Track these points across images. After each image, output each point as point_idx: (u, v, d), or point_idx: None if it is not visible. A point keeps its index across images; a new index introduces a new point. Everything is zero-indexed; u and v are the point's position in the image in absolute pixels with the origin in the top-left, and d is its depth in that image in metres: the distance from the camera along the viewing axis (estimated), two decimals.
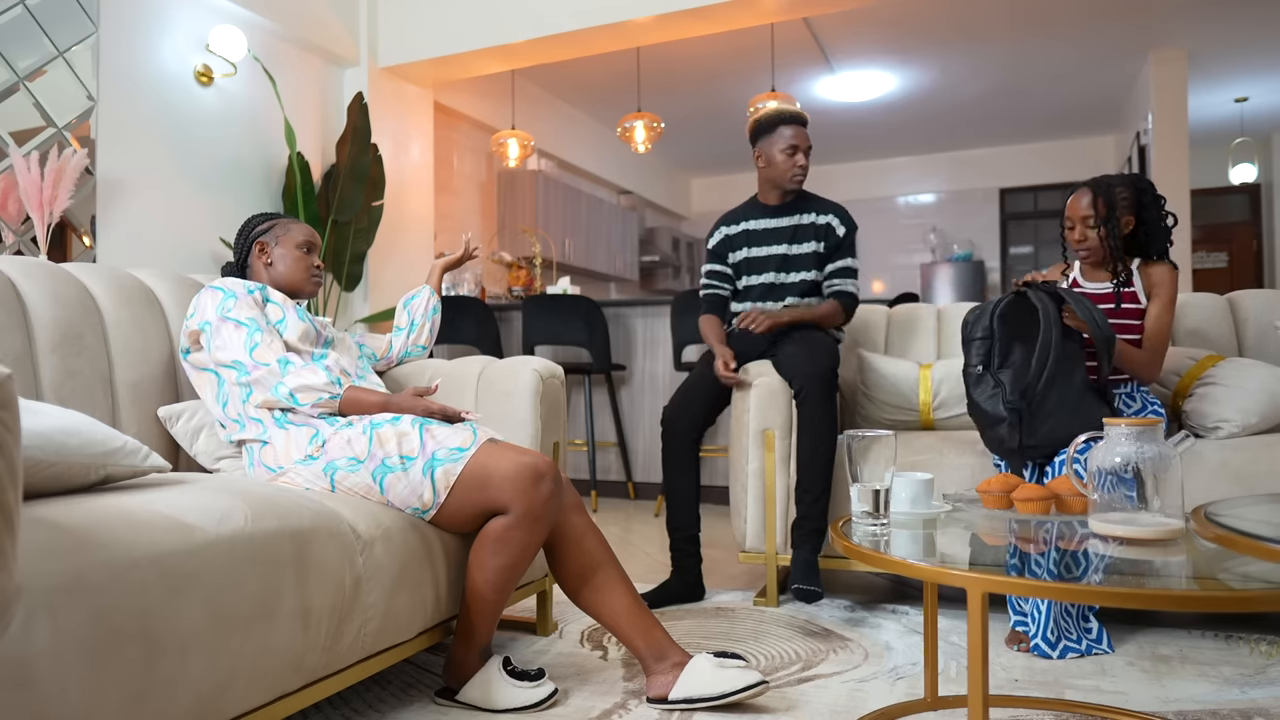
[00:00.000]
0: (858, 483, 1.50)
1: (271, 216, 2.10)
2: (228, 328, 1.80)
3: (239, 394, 1.80)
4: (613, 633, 1.77)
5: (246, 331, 1.79)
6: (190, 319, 1.86)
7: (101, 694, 1.04)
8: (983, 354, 2.17)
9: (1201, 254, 8.71)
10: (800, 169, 2.63)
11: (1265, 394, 2.33)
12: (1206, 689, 1.79)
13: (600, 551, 1.80)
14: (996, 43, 6.22)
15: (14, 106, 3.13)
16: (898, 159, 9.41)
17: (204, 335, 1.82)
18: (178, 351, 1.97)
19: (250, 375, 1.76)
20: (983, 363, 2.16)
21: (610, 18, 4.24)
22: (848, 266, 2.67)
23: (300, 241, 2.05)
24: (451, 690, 1.75)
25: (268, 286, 1.96)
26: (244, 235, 2.07)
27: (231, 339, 1.79)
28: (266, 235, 2.05)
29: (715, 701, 1.64)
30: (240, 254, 2.06)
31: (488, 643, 1.74)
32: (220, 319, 1.81)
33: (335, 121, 4.64)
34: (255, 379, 1.76)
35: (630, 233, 8.45)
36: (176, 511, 1.23)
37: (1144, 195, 2.29)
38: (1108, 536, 1.35)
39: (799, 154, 2.62)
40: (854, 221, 2.70)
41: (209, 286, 1.87)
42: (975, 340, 2.19)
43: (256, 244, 2.04)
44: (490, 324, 4.47)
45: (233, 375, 1.79)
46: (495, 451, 1.67)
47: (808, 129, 2.67)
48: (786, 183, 2.65)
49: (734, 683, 1.64)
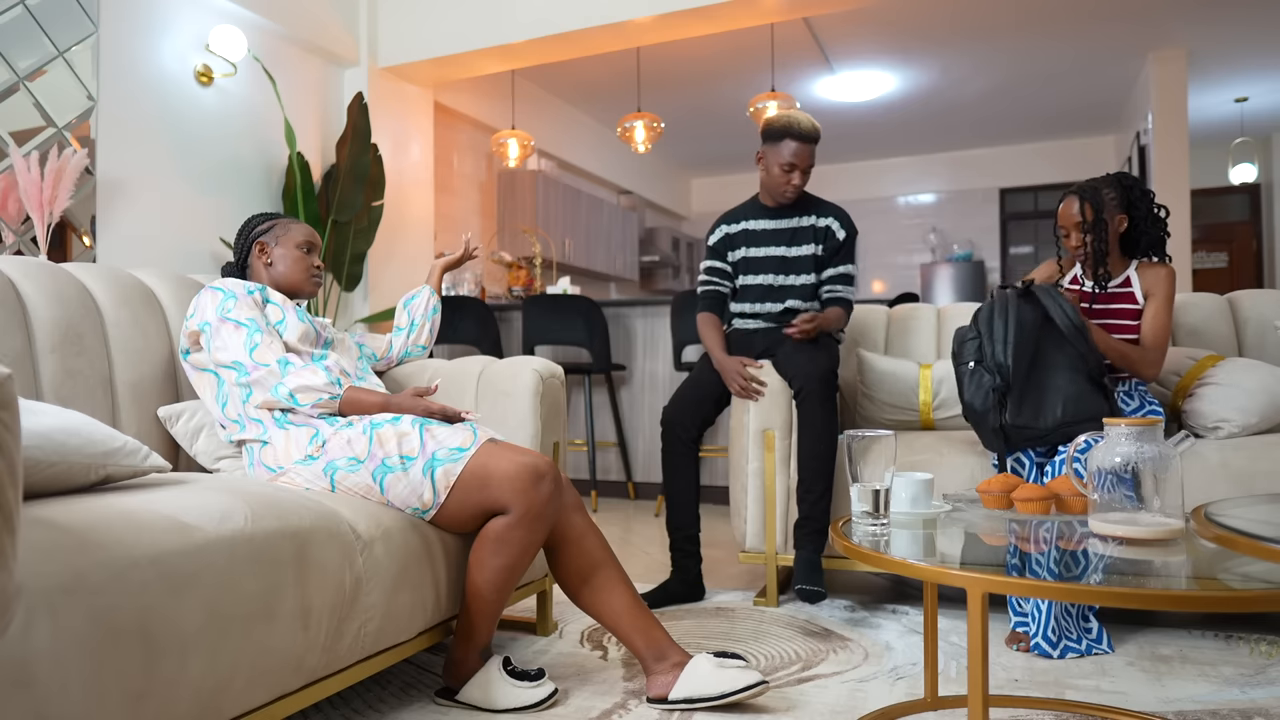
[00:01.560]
0: (858, 483, 1.51)
1: (271, 216, 2.09)
2: (227, 328, 1.79)
3: (239, 394, 1.80)
4: (613, 632, 1.77)
5: (246, 332, 1.79)
6: (190, 319, 1.86)
7: (101, 694, 1.04)
8: (974, 351, 2.22)
9: (1201, 254, 8.71)
10: (794, 188, 2.60)
11: (1265, 394, 2.34)
12: (1206, 689, 1.79)
13: (600, 551, 1.80)
14: (996, 43, 6.22)
15: (14, 106, 3.13)
16: (898, 159, 9.41)
17: (204, 336, 1.82)
18: (177, 352, 1.97)
19: (250, 376, 1.76)
20: (975, 358, 2.20)
21: (610, 18, 4.24)
22: (846, 274, 2.66)
23: (300, 241, 2.05)
24: (451, 690, 1.74)
25: (267, 287, 1.96)
26: (244, 235, 2.06)
27: (231, 339, 1.78)
28: (266, 235, 2.05)
29: (715, 701, 1.64)
30: (240, 254, 2.06)
31: (488, 643, 1.74)
32: (220, 319, 1.81)
33: (335, 121, 4.64)
34: (255, 379, 1.76)
35: (630, 233, 8.45)
36: (176, 511, 1.23)
37: (1131, 192, 2.30)
38: (1108, 536, 1.35)
39: (795, 173, 2.59)
40: (855, 227, 2.68)
41: (209, 287, 1.88)
42: (967, 341, 2.25)
43: (256, 244, 2.04)
44: (490, 324, 4.47)
45: (232, 376, 1.79)
46: (495, 451, 1.67)
47: (816, 143, 2.60)
48: (778, 195, 2.64)
49: (734, 683, 1.64)
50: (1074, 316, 2.15)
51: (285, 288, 2.03)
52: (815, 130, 2.60)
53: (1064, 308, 2.16)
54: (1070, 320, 2.15)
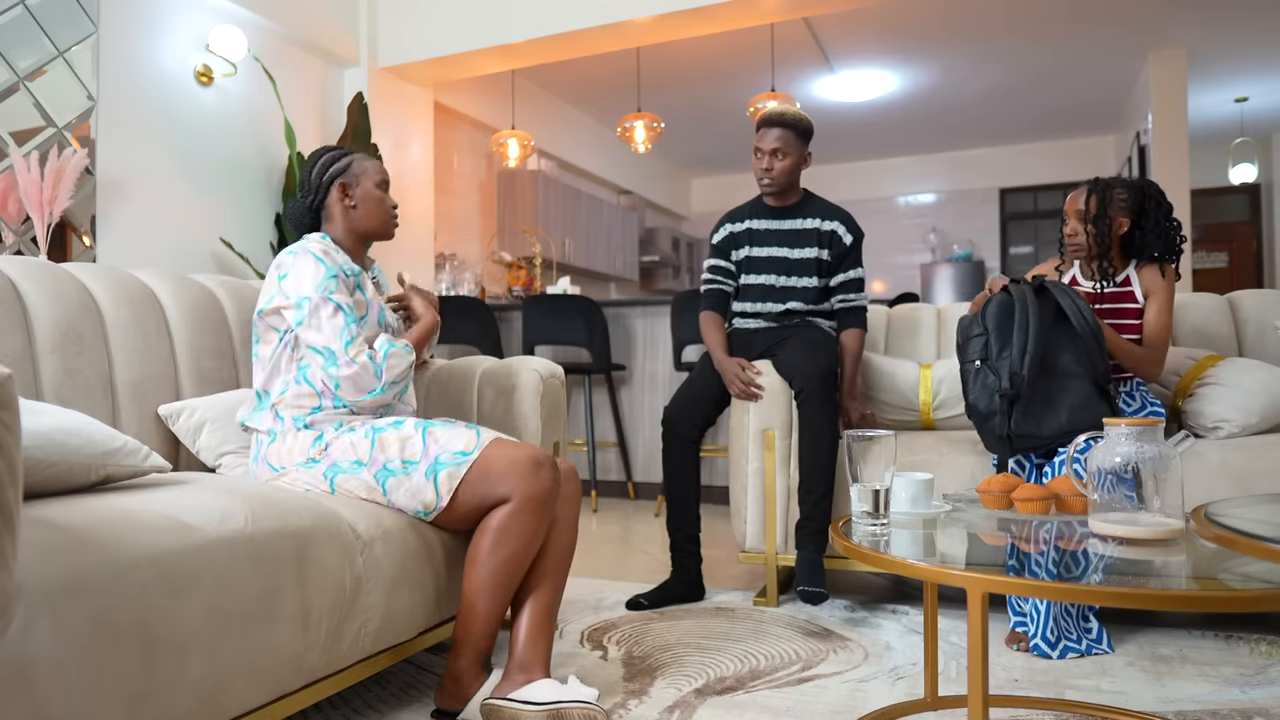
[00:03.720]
0: (858, 483, 1.50)
1: (344, 150, 1.89)
2: (328, 310, 1.70)
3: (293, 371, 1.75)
4: (510, 618, 1.70)
5: (344, 320, 1.71)
6: (284, 280, 1.74)
7: (101, 694, 1.04)
8: (980, 348, 2.20)
9: (1201, 254, 8.71)
10: (764, 172, 2.59)
11: (1265, 394, 2.34)
12: (1206, 689, 1.79)
13: (559, 549, 1.74)
14: (996, 43, 6.22)
15: (14, 106, 3.13)
16: (898, 159, 9.41)
17: (297, 310, 1.71)
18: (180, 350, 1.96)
19: (342, 371, 1.69)
20: (980, 356, 2.19)
21: (610, 18, 4.24)
22: (857, 279, 2.65)
23: (379, 180, 1.88)
24: (451, 715, 1.63)
25: (359, 269, 1.85)
26: (320, 173, 1.86)
27: (328, 324, 1.70)
28: (347, 174, 1.85)
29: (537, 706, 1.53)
30: (315, 194, 1.86)
31: (489, 650, 1.66)
32: (322, 299, 1.71)
33: (335, 121, 4.64)
34: (348, 376, 1.69)
35: (630, 233, 8.46)
36: (176, 511, 1.23)
37: (1147, 201, 2.29)
38: (1108, 536, 1.35)
39: (764, 157, 2.58)
40: (860, 229, 2.68)
41: (305, 251, 1.75)
42: (973, 338, 2.23)
43: (338, 185, 1.85)
44: (490, 324, 4.47)
45: (318, 361, 1.71)
46: (494, 446, 1.66)
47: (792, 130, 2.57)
48: (758, 185, 2.64)
49: (559, 694, 1.55)
50: (1090, 319, 2.13)
51: (366, 232, 1.88)
52: (786, 116, 2.57)
53: (1080, 308, 2.13)
54: (1087, 323, 2.12)
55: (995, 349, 2.17)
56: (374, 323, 1.84)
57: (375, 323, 1.84)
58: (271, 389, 1.78)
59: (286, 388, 1.76)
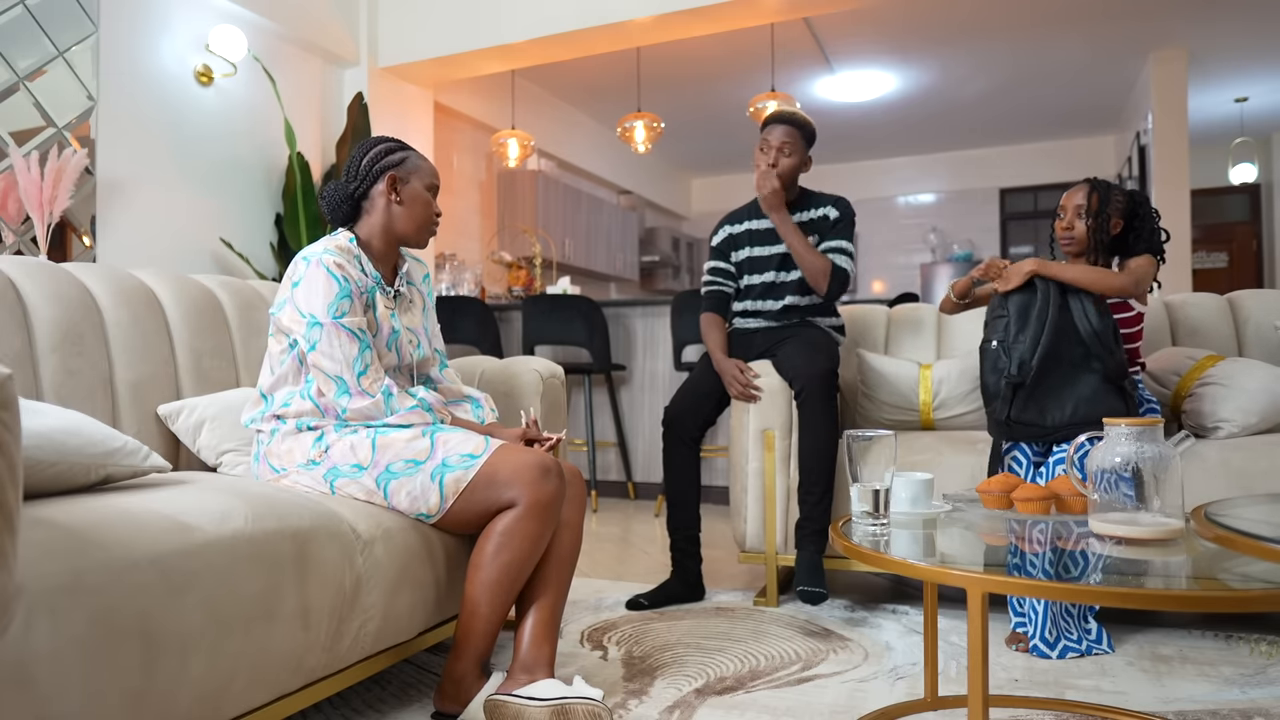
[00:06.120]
0: (858, 483, 1.50)
1: (401, 143, 1.80)
2: (342, 337, 1.66)
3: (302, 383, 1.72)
4: (516, 621, 1.70)
5: (358, 347, 1.68)
6: (296, 288, 1.69)
7: (101, 694, 1.04)
8: (1001, 330, 2.22)
9: (1201, 254, 8.71)
10: (769, 167, 2.57)
11: (1265, 394, 2.34)
12: (1206, 689, 1.79)
13: (564, 550, 1.74)
14: (996, 43, 6.22)
15: (14, 106, 3.13)
16: (898, 159, 9.41)
17: (309, 330, 1.67)
18: (178, 351, 1.96)
19: (353, 403, 1.67)
20: (999, 338, 2.21)
21: (610, 18, 4.24)
22: (840, 246, 2.60)
23: (430, 183, 1.80)
24: (449, 716, 1.63)
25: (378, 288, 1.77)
26: (373, 161, 1.76)
27: (340, 352, 1.66)
28: (400, 168, 1.77)
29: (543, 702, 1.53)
30: (360, 182, 1.77)
31: (489, 653, 1.66)
32: (335, 324, 1.66)
33: (335, 121, 4.64)
34: (357, 408, 1.68)
35: (630, 233, 8.46)
36: (176, 511, 1.23)
37: (1139, 208, 2.33)
38: (1107, 536, 1.35)
39: (770, 151, 2.57)
40: (851, 209, 2.66)
41: (318, 263, 1.67)
42: (996, 318, 2.25)
43: (388, 176, 1.76)
44: (490, 324, 4.47)
45: (329, 388, 1.68)
46: (502, 451, 1.65)
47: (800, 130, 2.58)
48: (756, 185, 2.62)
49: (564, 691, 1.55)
50: (1096, 324, 2.14)
51: (403, 234, 1.80)
52: (795, 115, 2.59)
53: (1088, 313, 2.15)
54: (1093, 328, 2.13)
55: (1014, 332, 2.19)
56: (383, 343, 1.79)
57: (385, 344, 1.79)
58: (276, 396, 1.77)
59: (290, 401, 1.75)
